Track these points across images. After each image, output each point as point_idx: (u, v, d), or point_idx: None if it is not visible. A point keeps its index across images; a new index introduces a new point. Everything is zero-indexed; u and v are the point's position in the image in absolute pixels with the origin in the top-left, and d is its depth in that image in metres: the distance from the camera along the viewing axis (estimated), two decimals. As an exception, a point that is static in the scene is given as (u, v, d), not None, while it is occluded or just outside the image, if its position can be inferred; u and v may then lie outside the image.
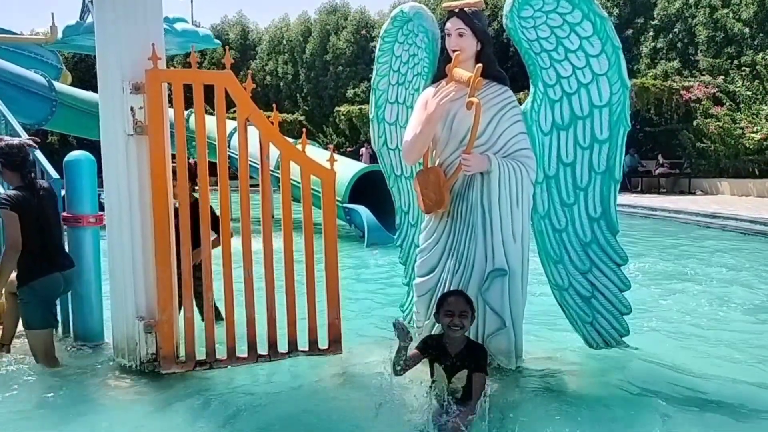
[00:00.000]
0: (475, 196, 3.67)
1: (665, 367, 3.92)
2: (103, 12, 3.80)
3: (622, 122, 3.80)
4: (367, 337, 4.55)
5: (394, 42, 4.23)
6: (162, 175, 3.72)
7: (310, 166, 3.96)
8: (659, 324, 4.99)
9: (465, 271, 3.70)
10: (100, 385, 3.70)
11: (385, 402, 3.30)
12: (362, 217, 9.57)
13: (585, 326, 4.00)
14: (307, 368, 3.90)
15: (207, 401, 3.47)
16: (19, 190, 3.81)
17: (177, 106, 3.78)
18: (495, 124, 3.70)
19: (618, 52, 3.71)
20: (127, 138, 3.73)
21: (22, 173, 3.86)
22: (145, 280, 3.82)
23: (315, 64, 29.20)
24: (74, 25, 12.72)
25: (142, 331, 3.79)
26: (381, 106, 4.38)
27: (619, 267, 3.94)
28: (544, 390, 3.55)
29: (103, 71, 3.80)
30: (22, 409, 3.40)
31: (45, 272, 3.85)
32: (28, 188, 3.84)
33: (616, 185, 3.89)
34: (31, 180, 3.90)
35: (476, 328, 3.68)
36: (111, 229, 3.88)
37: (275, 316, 3.91)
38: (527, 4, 3.68)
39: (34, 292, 3.83)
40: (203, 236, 3.85)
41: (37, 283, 3.83)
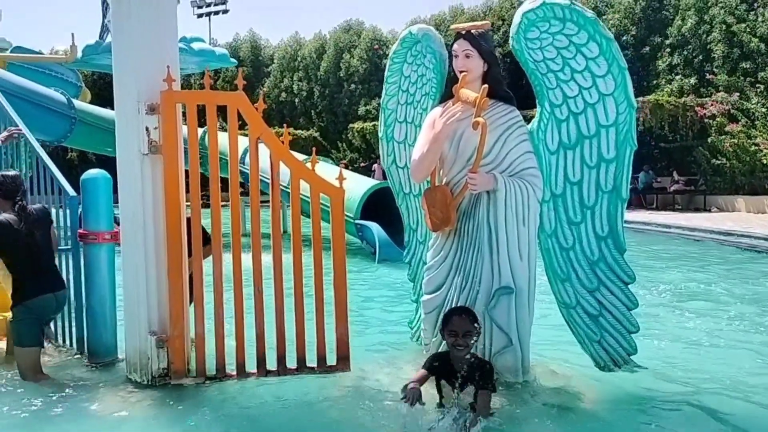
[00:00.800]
0: (482, 214, 3.71)
1: (674, 388, 3.91)
2: (119, 35, 3.93)
3: (629, 142, 3.83)
4: (377, 354, 4.58)
5: (402, 62, 4.31)
6: (175, 194, 3.81)
7: (319, 184, 4.03)
8: (668, 343, 4.97)
9: (472, 288, 3.74)
10: (112, 399, 3.76)
11: (393, 420, 3.33)
12: (374, 234, 9.63)
13: (593, 345, 4.00)
14: (316, 384, 3.93)
15: (216, 415, 3.51)
16: (16, 216, 3.98)
17: (190, 126, 3.88)
18: (502, 144, 3.75)
19: (624, 73, 3.75)
20: (142, 157, 3.84)
21: (14, 201, 4.02)
22: (157, 295, 3.90)
23: (329, 81, 29.50)
24: (94, 45, 12.98)
25: (154, 346, 3.87)
26: (390, 125, 4.46)
27: (626, 285, 3.94)
28: (550, 407, 3.55)
29: (119, 92, 3.91)
30: (35, 421, 3.46)
31: (39, 293, 4.00)
32: (17, 214, 3.99)
33: (623, 204, 3.91)
34: (21, 206, 4.03)
35: (483, 346, 3.72)
36: (125, 246, 3.97)
37: (284, 331, 3.97)
38: (533, 26, 3.74)
39: (28, 311, 3.98)
40: (214, 253, 3.91)
41: (31, 303, 3.98)
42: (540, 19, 3.70)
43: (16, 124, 5.27)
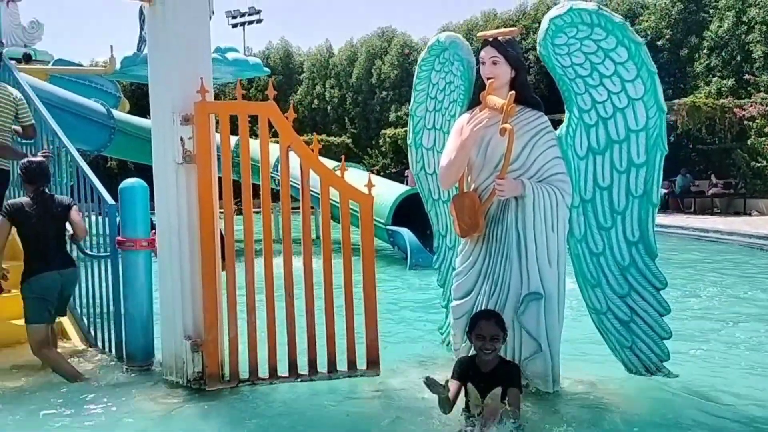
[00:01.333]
0: (510, 220, 3.72)
1: (707, 396, 3.85)
2: (155, 49, 4.06)
3: (659, 146, 3.79)
4: (406, 358, 4.61)
5: (431, 70, 4.36)
6: (209, 201, 3.91)
7: (348, 191, 4.09)
8: (703, 350, 4.88)
9: (501, 294, 3.75)
10: (149, 401, 3.87)
11: (421, 424, 3.36)
12: (405, 239, 9.66)
13: (624, 351, 3.97)
14: (347, 388, 3.99)
15: (249, 418, 3.59)
16: (31, 200, 4.28)
17: (223, 135, 3.98)
18: (530, 149, 3.76)
19: (654, 77, 3.72)
20: (177, 166, 3.95)
21: (36, 186, 4.30)
22: (192, 301, 4.00)
23: (362, 88, 29.71)
24: (132, 56, 13.29)
25: (189, 350, 3.97)
26: (419, 132, 4.50)
27: (658, 291, 3.90)
28: (581, 415, 3.54)
29: (155, 103, 4.04)
30: (74, 423, 3.57)
31: (40, 271, 4.22)
32: (33, 199, 4.28)
33: (654, 209, 3.88)
34: (39, 192, 4.30)
35: (512, 352, 3.73)
36: (161, 253, 4.09)
37: (315, 336, 4.03)
38: (561, 32, 3.74)
39: (30, 288, 4.22)
40: (246, 259, 4.00)
41: (33, 280, 4.21)
42: (567, 24, 3.71)
43: (58, 136, 5.46)
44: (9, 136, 5.30)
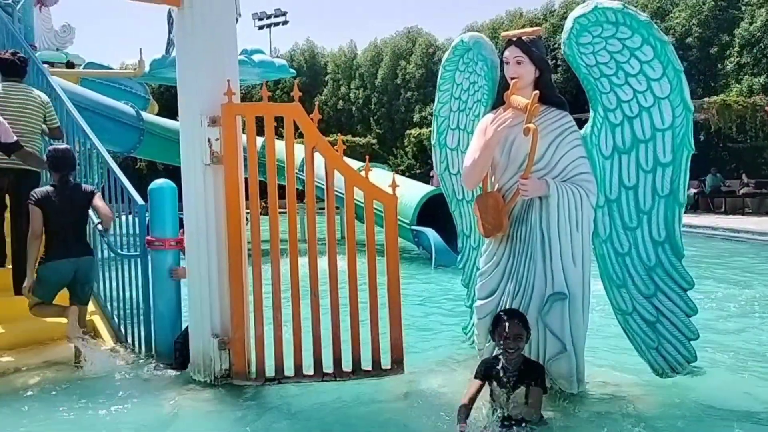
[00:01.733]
0: (534, 220, 3.72)
1: (735, 397, 3.80)
2: (183, 52, 4.13)
3: (686, 145, 3.76)
4: (431, 358, 4.63)
5: (455, 70, 4.37)
6: (236, 201, 3.98)
7: (372, 192, 4.12)
8: (731, 352, 4.81)
9: (525, 294, 3.74)
10: (177, 398, 3.94)
11: (446, 422, 3.38)
12: (430, 239, 9.66)
13: (650, 352, 3.94)
14: (371, 387, 4.02)
15: (274, 415, 3.65)
16: (53, 188, 4.51)
17: (249, 137, 4.04)
18: (554, 149, 3.75)
19: (680, 75, 3.69)
20: (204, 167, 4.02)
21: (60, 174, 4.56)
22: (220, 299, 4.07)
23: (387, 88, 29.79)
24: (160, 59, 13.50)
25: (216, 348, 4.04)
26: (443, 132, 4.52)
27: (685, 291, 3.87)
28: (606, 416, 3.52)
29: (183, 106, 4.12)
30: (103, 418, 3.66)
31: (56, 257, 4.49)
32: (58, 187, 4.53)
33: (680, 209, 3.84)
34: (62, 180, 4.55)
35: (537, 352, 3.72)
36: (190, 252, 4.17)
37: (340, 335, 4.07)
38: (585, 31, 3.73)
39: (45, 271, 4.47)
40: (272, 258, 4.05)
41: (48, 263, 4.47)
42: (592, 23, 3.69)
43: (89, 138, 5.59)
44: (39, 137, 5.45)
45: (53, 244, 4.49)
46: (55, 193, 4.49)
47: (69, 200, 4.53)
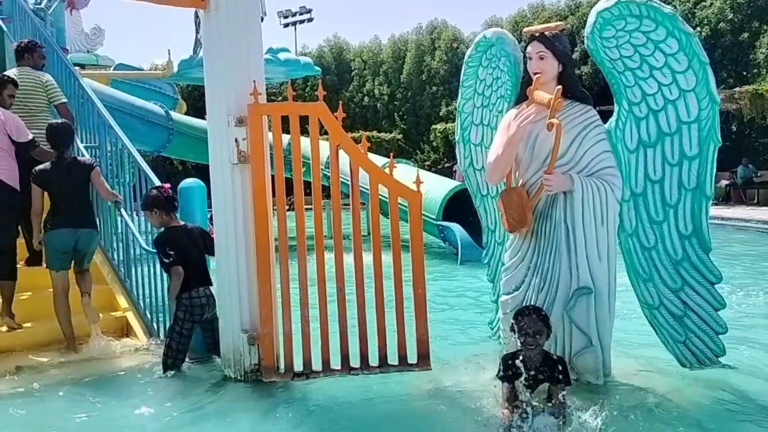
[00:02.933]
0: (559, 215, 3.72)
1: (763, 392, 3.76)
2: (210, 54, 4.21)
3: (713, 138, 3.73)
4: (457, 352, 4.66)
5: (478, 66, 4.38)
6: (263, 199, 4.05)
7: (397, 189, 4.16)
8: (760, 347, 4.75)
9: (550, 289, 3.76)
10: (208, 392, 4.04)
11: (471, 417, 3.41)
12: (456, 235, 9.67)
13: (677, 345, 3.92)
14: (398, 382, 4.06)
15: (303, 409, 3.72)
16: (51, 164, 4.84)
17: (276, 135, 4.11)
18: (578, 144, 3.75)
19: (706, 68, 3.66)
20: (232, 166, 4.10)
21: (58, 150, 4.87)
22: (249, 295, 4.15)
23: (412, 84, 29.78)
24: (188, 60, 13.67)
25: (245, 344, 4.13)
26: (466, 128, 4.54)
27: (713, 285, 3.84)
28: (633, 408, 3.51)
29: (211, 106, 4.20)
30: (128, 413, 3.76)
31: (57, 227, 4.80)
32: (56, 163, 4.85)
33: (707, 202, 3.82)
34: (61, 157, 4.87)
35: (563, 347, 3.74)
36: (219, 249, 4.26)
37: (366, 330, 4.12)
38: (609, 25, 3.71)
39: (48, 239, 4.82)
40: (299, 254, 4.12)
41: (52, 233, 4.79)
42: (615, 17, 3.68)
43: (119, 137, 5.73)
44: (45, 116, 5.71)
45: (55, 214, 4.83)
46: (53, 169, 4.81)
47: (66, 174, 4.84)
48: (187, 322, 4.35)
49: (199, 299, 4.38)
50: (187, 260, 4.37)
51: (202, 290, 4.40)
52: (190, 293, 4.35)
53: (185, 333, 4.35)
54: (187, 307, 4.34)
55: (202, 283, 4.43)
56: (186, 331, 4.35)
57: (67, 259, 4.89)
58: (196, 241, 4.49)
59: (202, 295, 4.40)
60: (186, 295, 4.34)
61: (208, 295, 4.43)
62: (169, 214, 4.49)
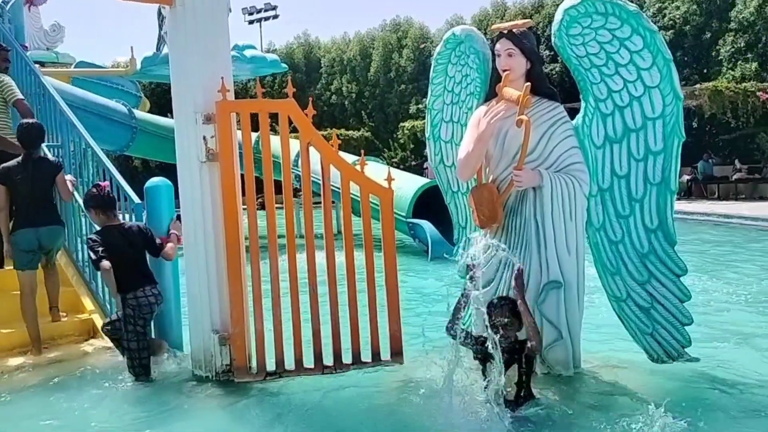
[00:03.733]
0: (529, 210, 3.77)
1: (730, 379, 3.87)
2: (176, 50, 4.15)
3: (677, 133, 3.80)
4: (429, 348, 4.67)
5: (447, 63, 4.40)
6: (233, 198, 4.01)
7: (368, 186, 4.15)
8: (725, 335, 4.89)
9: (520, 283, 3.79)
10: (179, 393, 3.99)
11: (445, 411, 3.43)
12: (425, 232, 9.71)
13: (645, 337, 4.00)
14: (372, 379, 4.06)
15: (276, 409, 3.69)
16: (18, 163, 4.81)
17: (245, 133, 4.07)
18: (546, 140, 3.79)
19: (669, 65, 3.73)
20: (200, 165, 4.05)
21: (26, 150, 4.84)
22: (219, 295, 4.10)
23: (379, 81, 29.77)
24: (152, 56, 13.47)
25: (217, 344, 4.08)
26: (436, 125, 4.55)
27: (678, 277, 3.92)
28: (602, 400, 3.58)
29: (177, 104, 4.14)
30: (101, 413, 3.70)
31: (21, 226, 4.79)
32: (23, 161, 4.82)
33: (672, 196, 3.89)
34: (28, 155, 4.83)
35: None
36: (187, 249, 4.20)
37: (339, 329, 4.11)
38: (575, 22, 3.76)
39: (15, 241, 4.80)
40: (270, 254, 4.09)
41: (17, 234, 4.79)
42: (582, 15, 3.73)
43: (83, 137, 5.60)
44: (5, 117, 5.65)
45: (18, 215, 4.81)
46: (18, 168, 4.79)
47: (31, 174, 4.79)
48: (139, 319, 4.27)
49: (146, 298, 4.30)
50: (122, 260, 4.26)
51: (148, 289, 4.32)
52: (135, 293, 4.27)
53: (140, 330, 4.26)
54: (134, 307, 4.26)
55: (147, 282, 4.35)
56: (140, 328, 4.27)
57: (34, 259, 4.84)
58: (134, 240, 4.38)
59: (149, 294, 4.31)
60: (131, 295, 4.26)
61: (156, 294, 4.36)
62: (106, 213, 4.40)
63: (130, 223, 4.56)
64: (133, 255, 4.36)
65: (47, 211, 4.89)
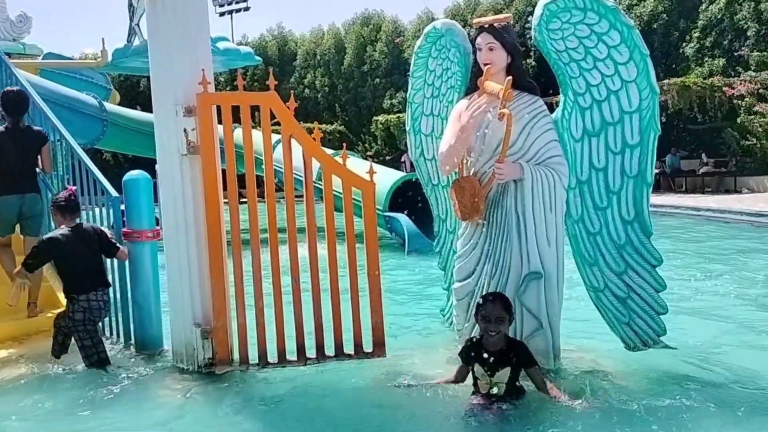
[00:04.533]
0: (510, 202, 3.82)
1: (704, 367, 3.99)
2: (155, 42, 4.11)
3: (653, 127, 3.89)
4: (411, 340, 4.73)
5: (427, 57, 4.42)
6: (214, 192, 3.99)
7: (351, 179, 4.17)
8: (699, 324, 5.02)
9: (502, 275, 3.85)
10: (161, 387, 3.97)
11: (428, 402, 3.47)
12: (402, 225, 9.75)
13: (622, 327, 4.09)
14: (354, 370, 4.09)
15: (259, 401, 3.69)
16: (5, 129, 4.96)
17: (226, 126, 4.05)
18: (527, 134, 3.85)
19: (646, 59, 3.81)
20: (181, 157, 4.02)
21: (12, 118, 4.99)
22: (200, 289, 4.09)
23: (353, 75, 29.67)
24: (123, 48, 13.22)
25: (199, 337, 4.07)
26: (417, 118, 4.58)
27: (654, 268, 4.02)
28: (581, 389, 3.65)
29: (157, 96, 4.10)
30: (86, 408, 3.67)
31: (6, 193, 4.93)
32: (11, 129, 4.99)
33: (648, 188, 3.98)
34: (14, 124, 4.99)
35: (514, 330, 3.83)
36: (168, 243, 4.17)
37: (322, 321, 4.13)
38: (555, 17, 3.82)
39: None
40: (252, 247, 4.08)
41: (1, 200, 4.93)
42: (561, 10, 3.78)
43: (59, 130, 5.50)
44: None
45: (3, 181, 4.91)
46: (5, 135, 4.92)
47: (19, 142, 4.95)
48: (89, 322, 4.30)
49: (98, 302, 4.34)
50: (77, 261, 4.30)
51: (100, 294, 4.36)
52: (88, 296, 4.28)
53: (90, 328, 4.30)
54: (85, 309, 4.27)
55: (100, 285, 4.38)
56: (90, 326, 4.31)
57: (12, 226, 5.08)
58: (90, 242, 4.38)
59: (100, 299, 4.36)
60: (84, 297, 4.27)
61: (105, 300, 4.42)
62: (64, 216, 4.38)
63: (86, 225, 4.56)
64: (88, 256, 4.37)
65: (31, 179, 5.11)
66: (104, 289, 4.41)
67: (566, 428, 3.17)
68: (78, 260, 4.29)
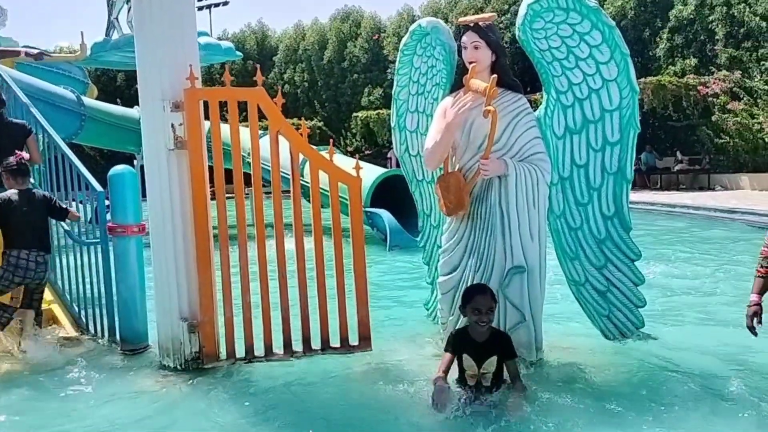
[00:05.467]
0: (494, 198, 3.90)
1: (679, 357, 4.09)
2: (142, 38, 4.10)
3: (632, 125, 4.01)
4: (395, 334, 4.78)
5: (413, 54, 4.48)
6: (202, 185, 4.01)
7: (337, 174, 4.22)
8: (675, 317, 5.15)
9: (486, 268, 3.93)
10: (147, 382, 3.97)
11: (414, 395, 3.54)
12: (384, 221, 9.80)
13: (602, 319, 4.20)
14: (340, 364, 4.14)
15: (246, 395, 3.72)
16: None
17: (213, 121, 4.07)
18: (511, 130, 3.93)
19: (626, 59, 3.92)
20: (168, 152, 4.03)
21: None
22: (187, 283, 4.10)
23: (333, 71, 29.61)
24: (102, 42, 13.11)
25: (186, 332, 4.08)
26: (402, 115, 4.64)
27: (632, 262, 4.14)
28: (562, 381, 3.74)
29: (144, 91, 4.10)
30: (71, 404, 3.68)
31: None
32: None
33: (628, 184, 4.10)
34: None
35: (498, 322, 3.91)
36: (154, 237, 4.18)
37: (308, 315, 4.17)
38: (538, 17, 3.90)
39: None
40: (240, 242, 4.11)
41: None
42: (545, 9, 3.87)
43: (41, 124, 5.47)
44: None
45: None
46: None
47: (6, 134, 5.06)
48: (5, 280, 4.42)
49: (27, 261, 4.46)
50: (19, 219, 4.49)
51: (34, 254, 4.49)
52: (19, 252, 4.44)
53: (2, 290, 4.42)
54: (11, 264, 4.42)
55: (35, 246, 4.51)
56: (4, 288, 4.44)
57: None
58: (37, 205, 4.61)
59: (32, 259, 4.48)
60: (15, 253, 4.43)
61: (38, 262, 4.52)
62: (16, 180, 4.61)
63: (36, 190, 4.82)
64: (32, 219, 4.55)
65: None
66: (39, 252, 4.53)
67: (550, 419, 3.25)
68: (20, 220, 4.47)
